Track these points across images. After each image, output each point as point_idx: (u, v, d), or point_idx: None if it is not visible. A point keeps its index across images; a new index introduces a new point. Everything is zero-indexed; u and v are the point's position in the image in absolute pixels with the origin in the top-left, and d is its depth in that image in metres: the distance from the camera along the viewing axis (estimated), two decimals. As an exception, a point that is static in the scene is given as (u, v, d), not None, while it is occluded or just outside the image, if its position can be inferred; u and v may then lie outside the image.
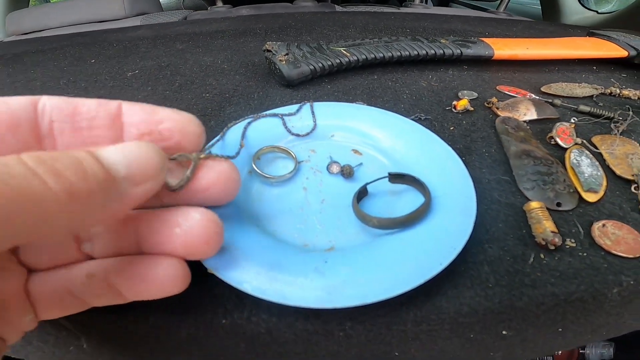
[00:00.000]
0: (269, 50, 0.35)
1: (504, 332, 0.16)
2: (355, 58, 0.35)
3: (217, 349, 0.15)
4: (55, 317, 0.13)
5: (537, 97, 0.32)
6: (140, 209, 0.13)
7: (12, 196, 0.08)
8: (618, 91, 0.36)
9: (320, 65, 0.33)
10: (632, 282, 0.16)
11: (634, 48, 0.45)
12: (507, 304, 0.16)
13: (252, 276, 0.14)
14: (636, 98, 0.36)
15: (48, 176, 0.08)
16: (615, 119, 0.29)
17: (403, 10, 0.74)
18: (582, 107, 0.31)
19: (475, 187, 0.19)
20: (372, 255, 0.16)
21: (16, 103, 0.12)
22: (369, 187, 0.20)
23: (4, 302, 0.12)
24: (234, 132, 0.22)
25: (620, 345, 0.46)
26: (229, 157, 0.15)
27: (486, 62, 0.41)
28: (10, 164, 0.08)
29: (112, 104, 0.13)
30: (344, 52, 0.35)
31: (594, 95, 0.35)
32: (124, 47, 0.55)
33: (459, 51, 0.38)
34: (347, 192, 0.20)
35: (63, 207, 0.09)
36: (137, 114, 0.13)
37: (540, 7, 1.09)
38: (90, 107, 0.12)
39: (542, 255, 0.17)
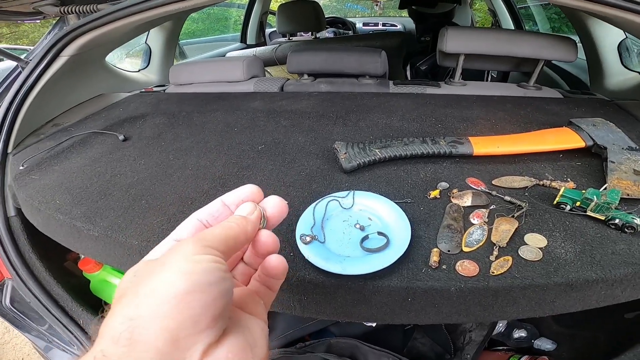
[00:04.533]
0: (335, 148, 0.69)
1: (409, 299, 0.47)
2: (384, 156, 0.67)
3: (293, 289, 0.49)
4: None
5: (482, 189, 0.60)
6: None
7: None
8: (549, 183, 0.62)
9: (363, 161, 0.66)
10: (462, 286, 0.46)
11: (592, 139, 0.68)
12: (407, 285, 0.46)
13: (319, 260, 0.48)
14: (560, 189, 0.61)
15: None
16: (520, 207, 0.57)
17: (441, 91, 1.02)
18: (506, 197, 0.58)
19: (415, 238, 0.50)
20: (361, 260, 0.48)
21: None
22: (369, 235, 0.52)
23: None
24: (319, 205, 0.56)
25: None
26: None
27: (471, 156, 0.69)
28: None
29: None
30: (378, 152, 0.67)
31: (527, 187, 0.62)
32: (251, 118, 0.94)
33: (450, 151, 0.68)
34: (360, 236, 0.52)
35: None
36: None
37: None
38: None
39: (429, 270, 0.48)
